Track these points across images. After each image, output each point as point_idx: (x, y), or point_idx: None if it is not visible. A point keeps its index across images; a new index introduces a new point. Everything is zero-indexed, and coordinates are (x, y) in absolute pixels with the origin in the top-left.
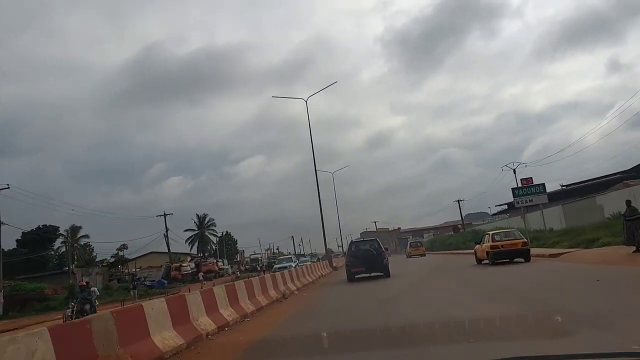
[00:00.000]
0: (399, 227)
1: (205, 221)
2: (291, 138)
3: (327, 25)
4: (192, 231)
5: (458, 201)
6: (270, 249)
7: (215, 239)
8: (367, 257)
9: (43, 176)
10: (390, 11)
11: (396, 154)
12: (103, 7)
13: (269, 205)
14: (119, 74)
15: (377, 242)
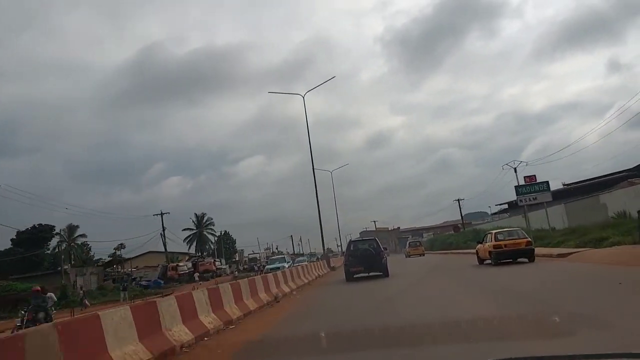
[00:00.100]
0: (399, 227)
1: (203, 220)
2: (291, 138)
3: (327, 25)
4: (191, 230)
5: (458, 200)
6: (269, 249)
7: (213, 239)
8: (366, 257)
9: (42, 176)
10: (390, 11)
11: (396, 154)
12: (103, 7)
13: (269, 205)
14: (119, 74)
15: (376, 242)
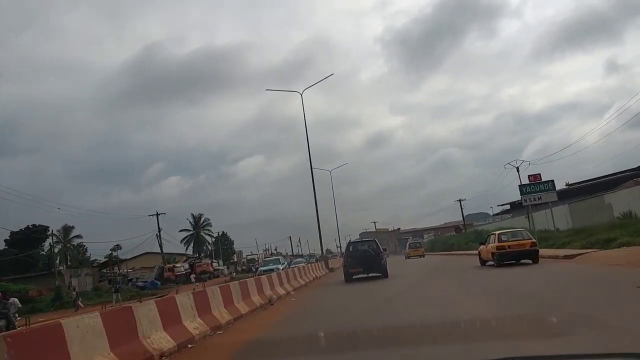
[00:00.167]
0: (399, 228)
1: (200, 221)
2: (290, 138)
3: (327, 25)
4: (188, 231)
5: (459, 201)
6: (268, 250)
7: (211, 240)
8: (365, 258)
9: (42, 176)
10: (389, 11)
11: (396, 154)
12: (103, 7)
13: (268, 205)
14: (119, 74)
15: (375, 243)
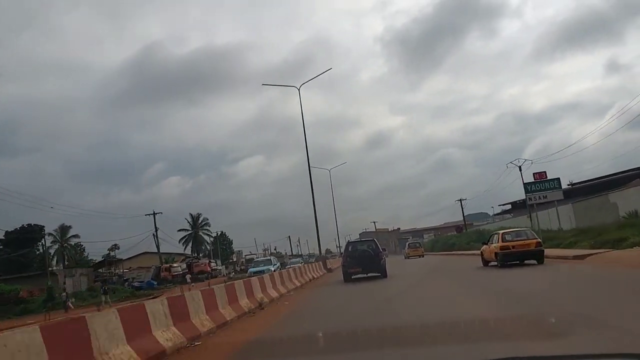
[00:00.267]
0: (399, 228)
1: (199, 221)
2: (290, 138)
3: (327, 25)
4: (186, 231)
5: (460, 200)
6: (267, 249)
7: (209, 239)
8: (364, 258)
9: (42, 176)
10: (389, 11)
11: (396, 154)
12: (103, 7)
13: (268, 205)
14: (119, 74)
15: (375, 243)
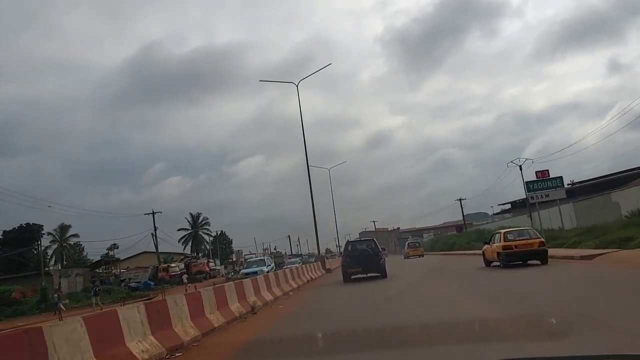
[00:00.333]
0: (399, 227)
1: (199, 220)
2: (290, 138)
3: (327, 25)
4: (186, 231)
5: (460, 200)
6: (267, 249)
7: (209, 239)
8: (364, 257)
9: (42, 176)
10: (390, 11)
11: (396, 154)
12: (103, 7)
13: (268, 205)
14: (119, 74)
15: (374, 242)
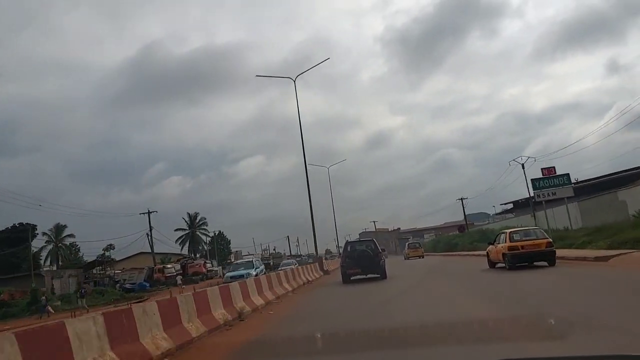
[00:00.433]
0: (399, 228)
1: (196, 220)
2: (290, 138)
3: (327, 24)
4: (183, 231)
5: (461, 199)
6: (266, 250)
7: (207, 239)
8: (363, 258)
9: (42, 176)
10: (390, 10)
11: (396, 154)
12: (103, 7)
13: (268, 205)
14: (119, 74)
15: (374, 243)
